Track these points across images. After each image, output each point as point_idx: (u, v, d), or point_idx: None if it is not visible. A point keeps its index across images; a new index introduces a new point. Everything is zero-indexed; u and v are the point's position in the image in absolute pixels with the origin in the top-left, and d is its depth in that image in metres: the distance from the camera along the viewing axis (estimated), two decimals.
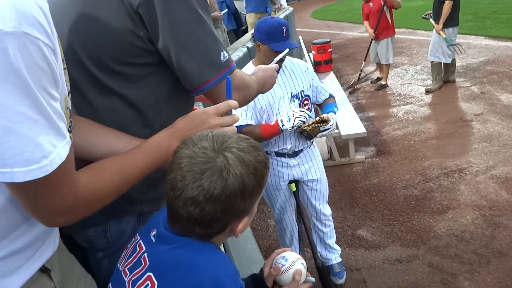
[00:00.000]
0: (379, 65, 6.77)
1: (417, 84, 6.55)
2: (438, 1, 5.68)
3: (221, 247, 1.04)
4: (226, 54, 1.03)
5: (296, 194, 2.53)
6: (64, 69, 0.75)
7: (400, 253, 2.91)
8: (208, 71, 1.00)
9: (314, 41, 7.18)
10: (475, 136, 4.46)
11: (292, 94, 2.29)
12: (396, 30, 6.54)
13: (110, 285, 0.86)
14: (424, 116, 5.30)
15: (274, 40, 2.15)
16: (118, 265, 0.86)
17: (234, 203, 0.73)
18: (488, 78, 6.21)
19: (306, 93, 2.36)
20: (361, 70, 7.25)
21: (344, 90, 6.41)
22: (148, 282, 0.74)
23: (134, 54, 0.98)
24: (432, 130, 4.81)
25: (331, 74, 6.80)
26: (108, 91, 1.00)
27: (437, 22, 5.73)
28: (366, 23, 6.55)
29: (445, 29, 5.69)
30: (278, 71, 1.42)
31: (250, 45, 4.29)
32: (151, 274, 0.75)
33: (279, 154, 2.43)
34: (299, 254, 2.55)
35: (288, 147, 2.37)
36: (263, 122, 2.28)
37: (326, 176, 2.62)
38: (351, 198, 3.71)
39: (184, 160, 0.73)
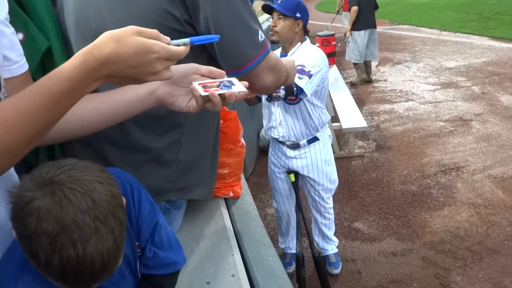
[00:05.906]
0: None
1: (419, 82, 6.58)
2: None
3: (231, 230, 1.07)
4: (262, 34, 0.99)
5: (295, 185, 2.57)
6: None
7: (395, 247, 2.96)
8: (250, 51, 0.96)
9: (319, 33, 7.13)
10: (474, 136, 4.51)
11: None
12: (400, 26, 6.56)
13: None
14: (424, 113, 5.33)
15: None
16: None
17: None
18: (489, 78, 6.25)
19: None
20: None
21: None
22: None
23: None
24: (432, 128, 4.85)
25: (334, 67, 6.80)
26: None
27: None
28: None
29: (355, 31, 6.18)
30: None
31: None
32: None
33: (280, 142, 2.48)
34: (297, 242, 2.61)
35: (281, 134, 2.41)
36: None
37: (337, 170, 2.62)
38: (349, 191, 3.75)
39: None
